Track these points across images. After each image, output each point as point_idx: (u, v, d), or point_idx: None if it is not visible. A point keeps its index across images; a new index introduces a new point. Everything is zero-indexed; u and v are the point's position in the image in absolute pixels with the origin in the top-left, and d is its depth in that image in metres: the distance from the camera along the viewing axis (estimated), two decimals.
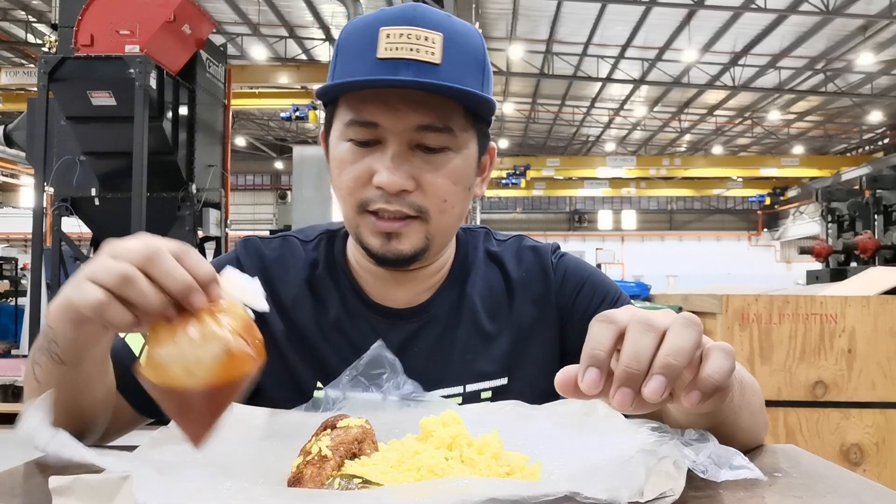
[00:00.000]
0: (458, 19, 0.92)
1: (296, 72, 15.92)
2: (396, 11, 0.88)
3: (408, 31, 0.86)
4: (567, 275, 1.05)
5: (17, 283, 11.59)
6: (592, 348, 0.58)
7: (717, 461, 0.67)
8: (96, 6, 6.09)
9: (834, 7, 13.88)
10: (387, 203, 0.88)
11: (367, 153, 0.89)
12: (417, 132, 0.87)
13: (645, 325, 0.58)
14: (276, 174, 31.26)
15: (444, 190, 0.90)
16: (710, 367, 0.58)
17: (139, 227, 5.96)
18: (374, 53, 0.86)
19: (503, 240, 1.10)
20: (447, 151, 0.90)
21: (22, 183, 24.89)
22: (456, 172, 0.91)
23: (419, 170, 0.89)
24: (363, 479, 0.59)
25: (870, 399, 2.50)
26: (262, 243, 1.05)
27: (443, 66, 0.86)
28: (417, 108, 0.86)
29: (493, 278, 1.04)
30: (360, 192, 0.90)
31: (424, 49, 0.86)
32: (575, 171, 26.78)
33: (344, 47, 0.91)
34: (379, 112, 0.87)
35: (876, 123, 22.74)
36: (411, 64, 0.85)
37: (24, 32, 16.74)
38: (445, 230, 0.94)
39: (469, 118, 0.91)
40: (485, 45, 0.95)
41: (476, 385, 0.98)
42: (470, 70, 0.90)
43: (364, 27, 0.89)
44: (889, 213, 6.21)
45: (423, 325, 0.99)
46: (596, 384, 0.57)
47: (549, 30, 16.29)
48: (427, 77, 0.85)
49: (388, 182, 0.87)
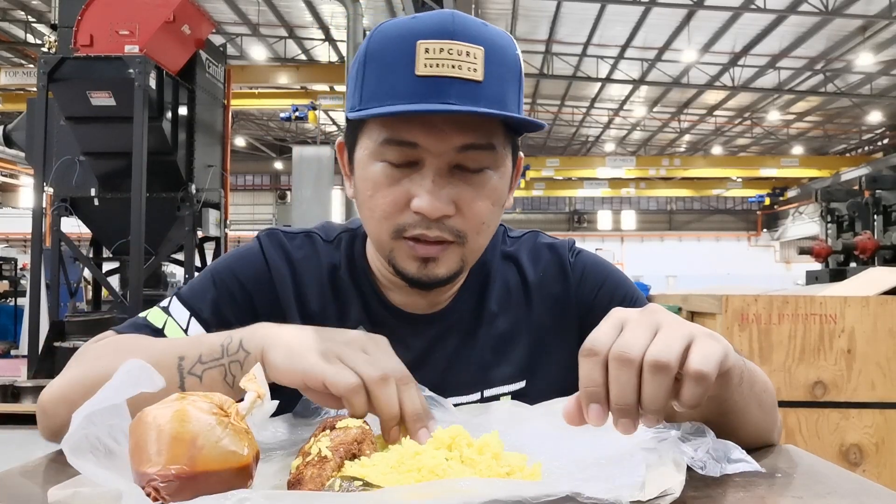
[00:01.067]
0: (494, 27, 0.87)
1: (295, 72, 15.94)
2: (433, 23, 0.83)
3: (448, 45, 0.81)
4: (585, 274, 1.03)
5: (17, 283, 11.58)
6: (586, 387, 0.63)
7: (716, 456, 0.67)
8: (96, 6, 6.08)
9: (833, 7, 13.88)
10: (426, 229, 0.85)
11: (404, 175, 0.85)
12: (459, 152, 0.84)
13: (622, 361, 0.61)
14: (276, 174, 31.26)
15: (484, 213, 0.87)
16: (695, 359, 0.61)
17: (138, 227, 5.96)
18: (412, 69, 0.81)
19: (517, 237, 1.07)
20: (486, 171, 0.86)
21: (21, 183, 24.89)
22: (495, 192, 0.88)
23: (459, 192, 0.85)
24: (364, 482, 0.59)
25: (869, 399, 2.50)
26: (286, 239, 1.01)
27: (485, 82, 0.82)
28: (460, 129, 0.83)
29: (511, 279, 1.03)
30: (397, 217, 0.86)
31: (467, 65, 0.81)
32: (574, 172, 26.79)
33: (375, 58, 0.85)
34: (420, 133, 0.82)
35: (875, 124, 22.75)
36: (454, 82, 0.81)
37: (23, 32, 16.74)
38: (479, 250, 0.92)
39: (508, 134, 0.88)
40: (520, 54, 0.90)
41: (494, 390, 0.97)
42: (509, 84, 0.86)
43: (398, 38, 0.83)
44: (888, 214, 6.21)
45: (443, 330, 0.98)
46: (601, 417, 0.62)
47: (548, 30, 16.29)
48: (471, 97, 0.81)
49: (429, 208, 0.83)
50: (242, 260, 0.99)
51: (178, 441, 0.56)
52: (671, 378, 0.61)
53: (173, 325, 0.93)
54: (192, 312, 0.94)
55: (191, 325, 0.93)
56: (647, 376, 0.60)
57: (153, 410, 0.59)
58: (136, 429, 0.58)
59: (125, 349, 0.84)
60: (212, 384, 0.76)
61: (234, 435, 0.58)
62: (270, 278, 0.98)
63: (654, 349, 0.61)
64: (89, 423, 0.57)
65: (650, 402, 0.60)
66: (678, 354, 0.61)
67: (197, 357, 0.77)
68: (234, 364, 0.75)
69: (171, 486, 0.55)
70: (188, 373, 0.76)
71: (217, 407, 0.60)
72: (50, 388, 0.85)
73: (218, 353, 0.76)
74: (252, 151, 28.16)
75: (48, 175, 6.27)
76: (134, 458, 0.57)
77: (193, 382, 0.76)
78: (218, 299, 0.96)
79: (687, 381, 0.61)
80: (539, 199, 32.76)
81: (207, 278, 0.98)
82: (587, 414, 0.62)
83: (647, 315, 0.65)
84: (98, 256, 7.04)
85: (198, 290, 0.97)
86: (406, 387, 0.71)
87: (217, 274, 0.98)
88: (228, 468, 0.57)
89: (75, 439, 0.55)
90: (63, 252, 6.58)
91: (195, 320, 0.94)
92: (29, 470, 0.74)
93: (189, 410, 0.58)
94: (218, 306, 0.95)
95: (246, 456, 0.59)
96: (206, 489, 0.54)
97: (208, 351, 0.77)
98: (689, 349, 0.62)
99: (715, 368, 0.61)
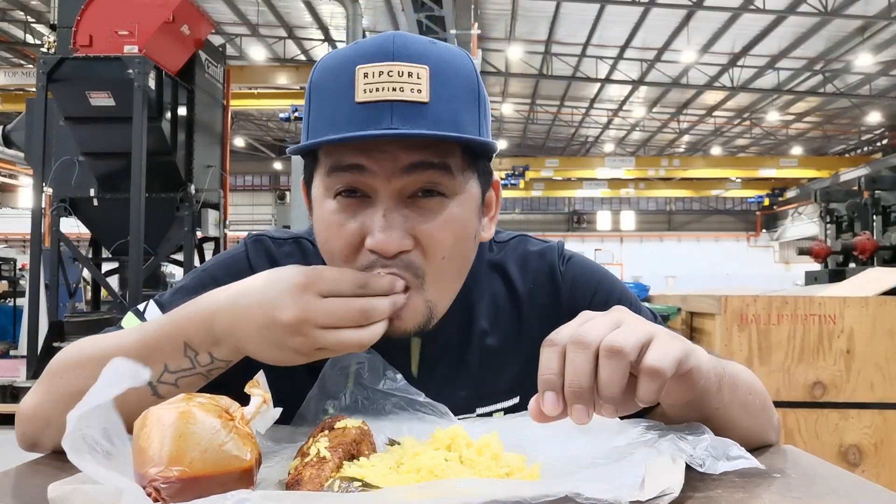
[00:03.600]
0: (444, 44, 0.82)
1: (295, 72, 15.90)
2: (373, 45, 0.78)
3: (388, 67, 0.76)
4: (576, 282, 1.00)
5: (16, 283, 11.56)
6: (542, 374, 0.62)
7: (714, 453, 0.67)
8: (95, 7, 6.08)
9: (832, 8, 13.89)
10: (383, 269, 0.79)
11: (356, 211, 0.80)
12: (410, 174, 0.78)
13: (578, 344, 0.62)
14: (275, 175, 31.26)
15: (445, 244, 0.81)
16: (651, 356, 0.61)
17: (138, 227, 5.96)
18: (352, 97, 0.76)
19: (503, 241, 1.02)
20: (444, 199, 0.80)
21: (20, 183, 24.88)
22: (457, 222, 0.81)
23: (414, 223, 0.79)
24: (363, 482, 0.59)
25: (868, 400, 2.51)
26: (273, 246, 0.98)
27: (431, 103, 0.77)
28: (408, 147, 0.77)
29: (498, 292, 0.99)
30: (354, 260, 0.80)
31: (409, 86, 0.76)
32: (574, 172, 26.79)
33: (318, 89, 0.81)
34: (363, 155, 0.77)
35: (874, 124, 22.77)
36: (395, 105, 0.76)
37: (22, 33, 16.73)
38: (446, 292, 0.85)
39: (467, 158, 0.82)
40: (478, 71, 0.84)
41: (488, 407, 0.96)
42: (463, 103, 0.80)
43: (338, 66, 0.79)
44: (888, 214, 6.21)
45: (434, 352, 0.96)
46: (555, 405, 0.61)
47: (547, 30, 16.30)
48: (414, 119, 0.76)
49: (382, 243, 0.77)
50: (226, 267, 0.97)
51: (182, 443, 0.56)
52: (626, 364, 0.61)
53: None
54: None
55: None
56: (603, 361, 0.61)
57: (158, 410, 0.59)
58: (140, 428, 0.58)
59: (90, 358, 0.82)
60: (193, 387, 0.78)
61: (238, 439, 0.58)
62: None
63: (611, 336, 0.62)
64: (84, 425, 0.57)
65: (606, 387, 0.60)
66: (634, 344, 0.61)
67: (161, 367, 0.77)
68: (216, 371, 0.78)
69: (172, 488, 0.55)
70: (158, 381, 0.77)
71: (223, 410, 0.60)
72: (24, 403, 0.85)
73: (188, 364, 0.77)
74: (251, 152, 28.16)
75: (47, 175, 6.27)
76: (136, 457, 0.57)
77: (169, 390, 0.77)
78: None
79: (641, 376, 0.61)
80: (538, 200, 32.77)
81: (188, 283, 0.96)
82: (542, 403, 0.61)
83: (612, 313, 0.66)
84: (97, 257, 7.04)
85: (176, 295, 0.93)
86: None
87: (196, 278, 0.96)
88: (230, 472, 0.57)
89: (73, 439, 0.55)
90: (62, 252, 6.58)
91: None
92: (29, 470, 0.74)
93: (195, 412, 0.58)
94: None
95: (248, 461, 0.59)
96: (208, 492, 0.54)
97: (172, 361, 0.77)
98: (648, 346, 0.62)
99: (671, 365, 0.61)
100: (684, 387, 0.67)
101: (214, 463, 0.56)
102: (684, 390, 0.68)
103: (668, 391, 0.66)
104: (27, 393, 0.87)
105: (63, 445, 0.55)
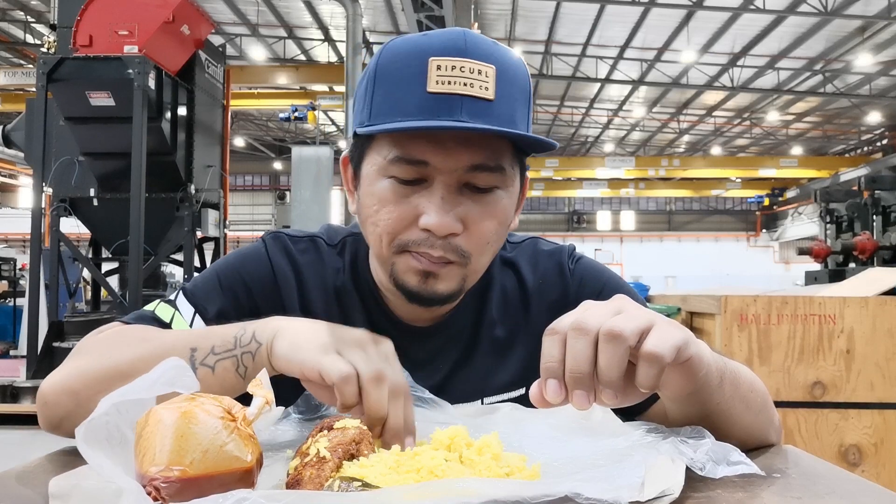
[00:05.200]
0: (505, 47, 0.87)
1: (294, 72, 15.94)
2: (445, 40, 0.83)
3: (461, 62, 0.81)
4: (584, 280, 1.04)
5: (16, 283, 11.58)
6: (545, 362, 0.64)
7: (715, 458, 0.67)
8: (95, 7, 6.09)
9: (832, 8, 13.90)
10: (430, 247, 0.85)
11: (412, 192, 0.85)
12: (468, 172, 0.84)
13: (579, 331, 0.63)
14: (275, 175, 31.26)
15: (490, 232, 0.87)
16: (650, 341, 0.62)
17: (137, 227, 5.96)
18: (423, 86, 0.81)
19: (518, 242, 1.07)
20: (496, 191, 0.86)
21: (20, 183, 24.89)
22: (503, 212, 0.88)
23: (468, 211, 0.85)
24: (363, 482, 0.59)
25: (868, 400, 2.51)
26: (291, 243, 1.01)
27: (496, 101, 0.82)
28: (470, 147, 0.83)
29: (509, 286, 1.03)
30: (402, 233, 0.86)
31: (479, 83, 0.81)
32: (574, 172, 26.80)
33: (386, 75, 0.84)
34: (430, 151, 0.82)
35: (874, 124, 22.77)
36: (465, 99, 0.81)
37: (22, 33, 16.74)
38: (480, 270, 0.92)
39: (517, 155, 0.88)
40: (529, 76, 0.90)
41: (494, 397, 0.98)
42: (519, 104, 0.86)
43: (410, 55, 0.83)
44: (888, 214, 6.21)
45: (444, 341, 0.99)
46: (558, 392, 0.62)
47: (547, 30, 16.31)
48: (481, 115, 0.81)
49: (437, 225, 0.83)
50: (248, 262, 1.00)
51: (183, 442, 0.56)
52: (625, 348, 0.61)
53: (180, 320, 0.94)
54: (196, 310, 0.95)
55: (195, 322, 0.94)
56: (602, 345, 0.62)
57: (160, 409, 0.59)
58: (142, 427, 0.58)
59: (135, 339, 0.84)
60: (224, 374, 0.77)
61: (240, 440, 0.58)
62: (275, 283, 0.99)
63: (610, 321, 0.62)
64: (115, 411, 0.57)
65: (605, 371, 0.61)
66: (634, 330, 0.62)
67: (210, 348, 0.78)
68: (247, 355, 0.76)
69: (172, 487, 0.55)
70: (200, 363, 0.77)
71: (225, 411, 0.60)
72: (51, 378, 0.84)
73: (231, 344, 0.77)
74: (251, 152, 28.16)
75: (47, 175, 6.28)
76: (138, 455, 0.57)
77: (205, 373, 0.76)
78: (223, 299, 0.96)
79: (641, 362, 0.62)
80: (538, 200, 32.77)
81: (213, 278, 0.98)
82: (545, 390, 0.63)
83: (613, 301, 0.67)
84: (97, 257, 7.05)
85: (204, 288, 0.97)
86: (396, 398, 0.72)
87: (223, 274, 0.99)
88: (231, 472, 0.57)
89: (95, 424, 0.56)
90: (62, 252, 6.59)
91: (199, 318, 0.94)
92: (29, 470, 0.74)
93: (197, 413, 0.58)
94: (223, 306, 0.96)
95: (249, 462, 0.59)
96: (208, 492, 0.54)
97: (221, 342, 0.78)
98: (648, 332, 0.63)
99: (670, 351, 0.62)
100: (685, 376, 0.67)
101: (215, 463, 0.57)
102: (685, 380, 0.68)
103: (669, 380, 0.66)
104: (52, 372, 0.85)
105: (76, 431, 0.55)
